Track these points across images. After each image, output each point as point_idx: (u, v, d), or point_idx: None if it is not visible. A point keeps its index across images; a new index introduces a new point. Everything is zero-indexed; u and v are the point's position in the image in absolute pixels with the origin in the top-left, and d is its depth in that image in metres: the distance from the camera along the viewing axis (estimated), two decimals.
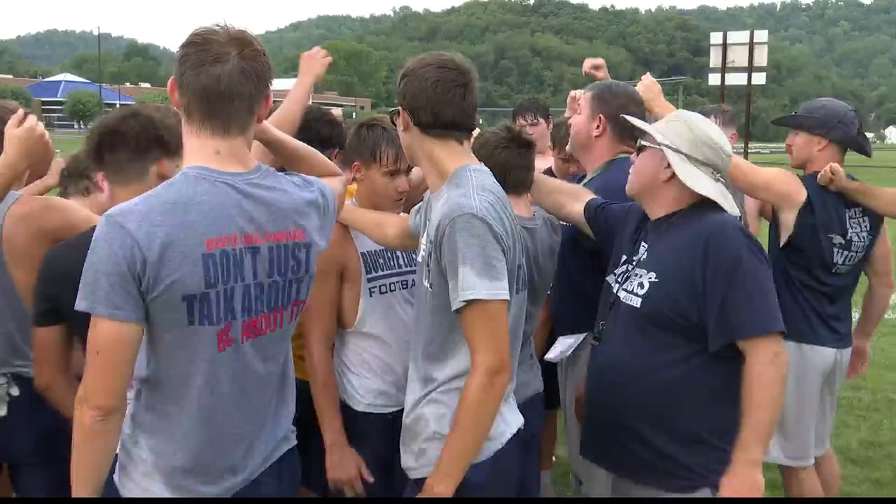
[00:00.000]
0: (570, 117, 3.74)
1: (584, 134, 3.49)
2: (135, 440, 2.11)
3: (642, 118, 3.46)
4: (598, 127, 3.46)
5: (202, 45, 2.00)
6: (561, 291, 3.28)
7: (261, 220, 2.08)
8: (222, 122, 2.05)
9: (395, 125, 2.57)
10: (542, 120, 5.43)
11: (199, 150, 2.06)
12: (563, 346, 3.46)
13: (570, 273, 3.24)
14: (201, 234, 1.97)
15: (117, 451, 2.09)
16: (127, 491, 2.11)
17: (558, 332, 3.55)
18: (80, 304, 1.93)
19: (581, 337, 3.43)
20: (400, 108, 2.47)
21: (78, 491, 2.02)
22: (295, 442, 2.38)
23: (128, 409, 2.08)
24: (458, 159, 2.45)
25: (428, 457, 2.39)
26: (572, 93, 3.84)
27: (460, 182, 2.37)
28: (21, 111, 2.74)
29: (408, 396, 2.51)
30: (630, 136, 3.46)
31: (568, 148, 3.70)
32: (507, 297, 2.26)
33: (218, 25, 2.05)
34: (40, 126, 2.69)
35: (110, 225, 1.92)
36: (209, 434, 2.09)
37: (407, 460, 2.49)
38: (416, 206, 2.68)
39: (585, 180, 3.52)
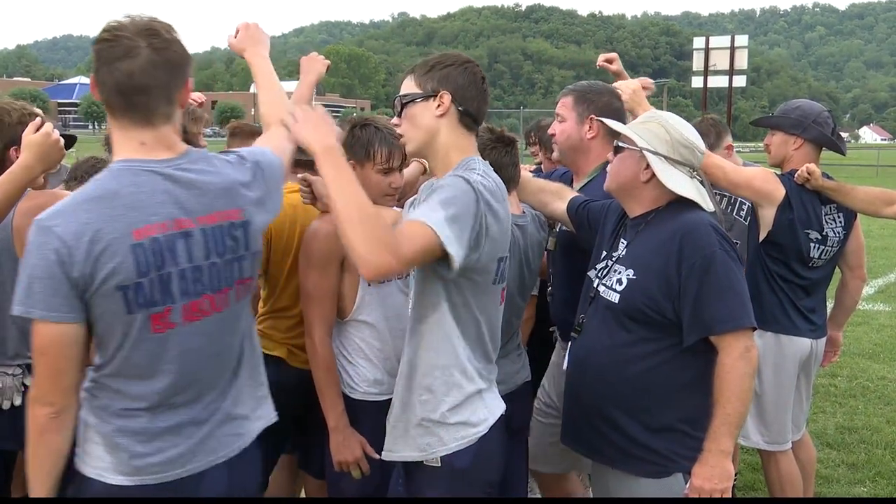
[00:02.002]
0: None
1: (576, 138, 3.32)
2: (85, 423, 2.06)
3: (623, 111, 3.42)
4: (590, 129, 3.29)
5: (112, 41, 1.95)
6: (563, 296, 3.23)
7: (190, 204, 2.02)
8: (142, 114, 2.00)
9: (400, 115, 2.44)
10: None
11: (125, 143, 2.02)
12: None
13: (572, 276, 3.17)
14: (127, 226, 1.92)
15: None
16: (78, 458, 2.06)
17: (564, 336, 3.36)
18: (16, 309, 1.90)
19: None
20: (442, 93, 2.34)
21: (34, 485, 2.00)
22: (255, 437, 2.29)
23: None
24: (473, 152, 2.42)
25: (418, 443, 2.38)
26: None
27: (471, 167, 2.32)
28: (39, 119, 2.73)
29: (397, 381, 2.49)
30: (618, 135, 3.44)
31: (555, 156, 3.52)
32: (451, 253, 2.13)
33: (128, 17, 2.00)
34: (56, 133, 2.68)
35: (39, 230, 1.90)
36: (144, 405, 2.04)
37: (397, 445, 2.45)
38: (410, 200, 2.65)
39: (584, 181, 3.39)
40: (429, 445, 2.37)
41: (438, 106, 2.35)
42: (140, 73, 1.94)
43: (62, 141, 2.71)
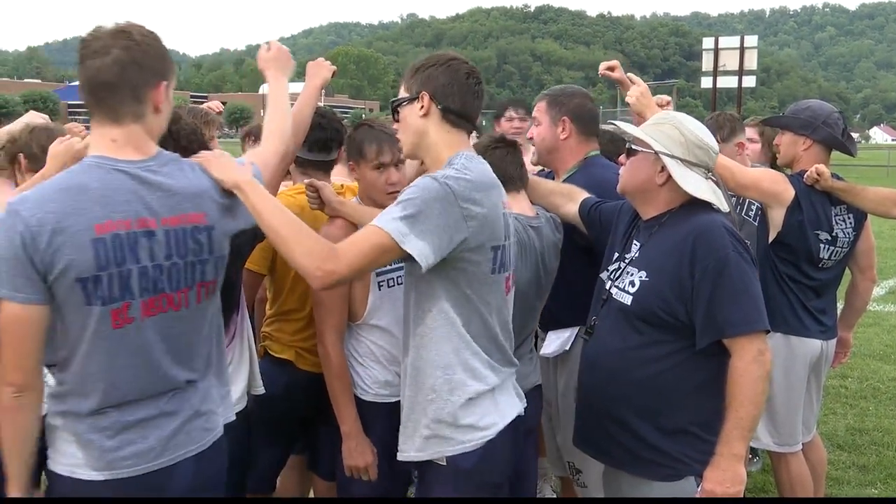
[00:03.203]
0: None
1: (549, 139, 3.45)
2: (49, 412, 2.12)
3: (597, 111, 3.51)
4: (563, 129, 3.44)
5: (87, 42, 2.06)
6: (554, 287, 3.28)
7: (156, 205, 2.09)
8: (110, 110, 2.08)
9: (396, 119, 2.52)
10: (527, 116, 5.26)
11: (98, 140, 2.11)
12: (559, 340, 3.44)
13: (564, 269, 3.23)
14: (90, 220, 1.99)
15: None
16: (50, 459, 2.12)
17: (549, 326, 3.51)
18: None
19: (575, 331, 3.42)
20: (423, 95, 2.42)
21: (10, 463, 2.07)
22: (222, 431, 2.34)
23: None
24: (464, 147, 2.46)
25: (427, 444, 2.42)
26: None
27: (451, 163, 2.38)
28: (67, 135, 2.79)
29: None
30: (593, 133, 3.49)
31: (534, 159, 3.63)
32: (409, 250, 2.20)
33: (114, 23, 2.11)
34: (80, 145, 2.72)
35: (9, 212, 1.98)
36: (111, 401, 2.09)
37: (406, 445, 2.48)
38: None
39: (561, 179, 3.48)
40: (437, 445, 2.40)
41: (421, 107, 2.42)
42: (106, 71, 2.03)
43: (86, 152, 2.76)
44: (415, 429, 2.43)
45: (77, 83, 2.18)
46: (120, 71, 2.04)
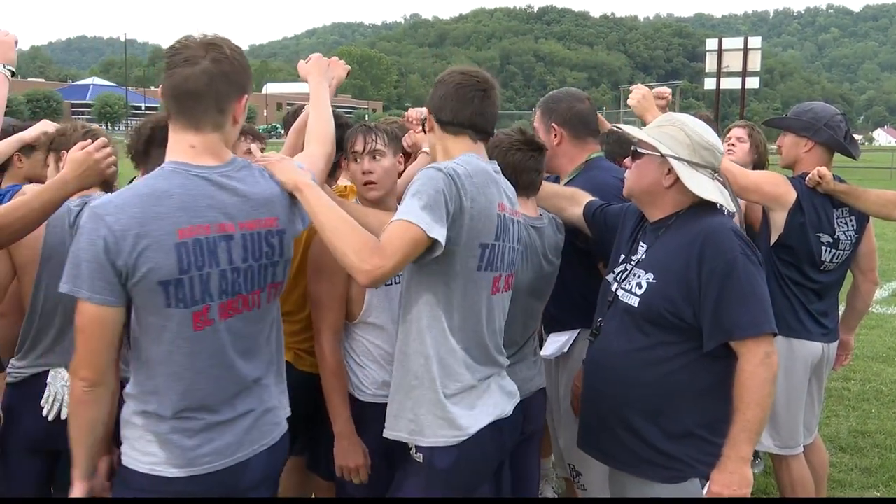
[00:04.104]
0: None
1: (547, 147, 3.41)
2: (128, 412, 2.19)
3: (592, 112, 3.53)
4: (555, 136, 3.47)
5: (178, 51, 2.14)
6: (553, 290, 3.28)
7: (233, 210, 2.18)
8: (193, 118, 2.16)
9: (424, 132, 2.76)
10: None
11: (176, 146, 2.18)
12: (558, 343, 3.45)
13: (563, 272, 3.22)
14: (173, 224, 2.06)
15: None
16: (127, 457, 2.18)
17: (548, 328, 3.52)
18: (63, 287, 2.05)
19: (574, 333, 3.42)
20: (427, 112, 2.65)
21: (75, 450, 2.18)
22: (286, 428, 2.44)
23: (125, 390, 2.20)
24: (469, 149, 2.59)
25: (406, 425, 2.51)
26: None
27: (455, 160, 2.51)
28: (89, 140, 2.79)
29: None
30: (588, 134, 3.48)
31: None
32: (436, 237, 2.32)
33: (201, 34, 2.18)
34: (99, 154, 2.74)
35: (92, 217, 2.04)
36: (192, 402, 2.17)
37: (390, 422, 2.57)
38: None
39: (563, 182, 3.50)
40: (413, 432, 2.50)
41: (427, 124, 2.67)
42: (195, 80, 2.11)
43: (106, 162, 2.78)
44: (399, 408, 2.53)
45: (79, 83, 2.20)
46: (208, 82, 2.12)
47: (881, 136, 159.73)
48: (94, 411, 2.14)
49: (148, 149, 2.78)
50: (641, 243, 2.79)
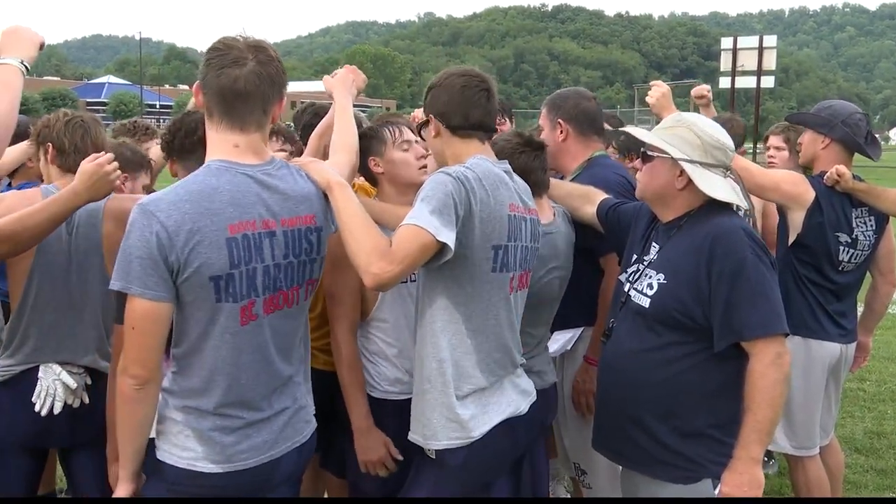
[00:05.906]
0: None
1: (551, 144, 3.44)
2: (167, 407, 2.22)
3: (598, 111, 3.55)
4: (560, 132, 3.49)
5: (223, 51, 2.17)
6: None
7: (276, 208, 2.23)
8: (239, 118, 2.20)
9: (421, 137, 2.76)
10: (506, 119, 5.23)
11: (220, 144, 2.22)
12: (562, 340, 3.46)
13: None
14: (225, 220, 2.11)
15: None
16: (164, 452, 2.21)
17: (552, 326, 3.46)
18: (115, 284, 2.07)
19: (578, 331, 3.43)
20: (430, 117, 2.62)
21: (123, 449, 2.20)
22: (315, 426, 2.49)
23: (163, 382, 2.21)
24: (478, 152, 2.59)
25: (421, 430, 2.54)
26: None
27: (465, 164, 2.52)
28: (102, 153, 2.79)
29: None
30: (593, 132, 3.48)
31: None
32: (445, 241, 2.33)
33: (239, 35, 2.22)
34: (111, 167, 2.75)
35: (143, 213, 2.07)
36: (234, 398, 2.21)
37: (411, 427, 2.60)
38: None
39: (567, 179, 3.50)
40: (426, 436, 2.52)
41: (433, 129, 2.63)
42: (244, 81, 2.16)
43: (115, 175, 2.78)
44: (418, 413, 2.55)
45: (94, 81, 2.20)
46: (257, 82, 2.17)
47: None
48: (146, 409, 2.17)
49: (195, 147, 2.73)
50: (654, 244, 2.79)
